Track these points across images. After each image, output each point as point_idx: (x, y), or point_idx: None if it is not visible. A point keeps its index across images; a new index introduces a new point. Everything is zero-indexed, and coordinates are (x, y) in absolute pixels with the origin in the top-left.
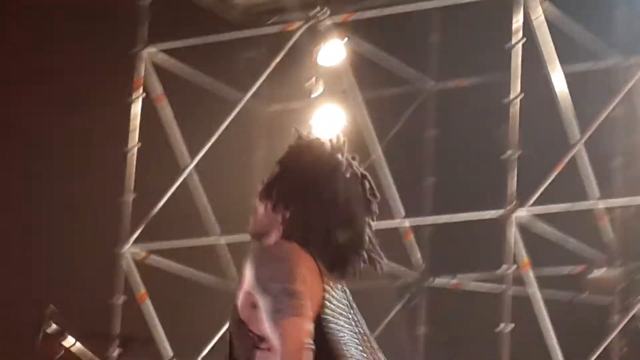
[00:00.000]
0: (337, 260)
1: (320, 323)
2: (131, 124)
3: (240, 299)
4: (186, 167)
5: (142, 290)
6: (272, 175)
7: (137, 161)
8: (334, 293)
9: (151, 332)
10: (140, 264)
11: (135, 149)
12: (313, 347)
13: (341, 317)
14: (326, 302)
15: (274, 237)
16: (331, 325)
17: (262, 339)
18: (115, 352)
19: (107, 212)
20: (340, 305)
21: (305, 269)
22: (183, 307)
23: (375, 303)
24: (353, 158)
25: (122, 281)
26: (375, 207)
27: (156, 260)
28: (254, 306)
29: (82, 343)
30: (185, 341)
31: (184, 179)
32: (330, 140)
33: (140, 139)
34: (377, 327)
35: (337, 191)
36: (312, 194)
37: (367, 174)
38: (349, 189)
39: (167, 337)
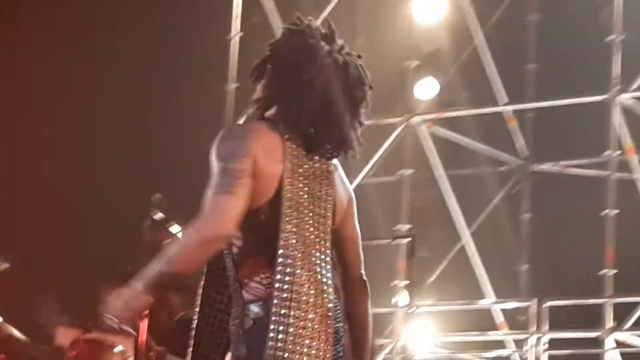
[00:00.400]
0: (312, 142)
1: (277, 200)
2: (234, 11)
3: None
4: None
5: None
6: (263, 56)
7: (239, 50)
8: (299, 175)
9: None
10: None
11: (238, 37)
12: (231, 228)
13: (302, 197)
14: (285, 182)
15: (272, 109)
16: (285, 204)
17: None
18: None
19: (210, 100)
20: (303, 185)
21: (260, 150)
22: None
23: (479, 189)
24: (342, 47)
25: None
26: (360, 95)
27: None
28: None
29: None
30: None
31: None
32: (317, 28)
33: (242, 28)
34: (481, 212)
35: (313, 76)
36: (290, 77)
37: (355, 62)
38: (328, 76)
39: None
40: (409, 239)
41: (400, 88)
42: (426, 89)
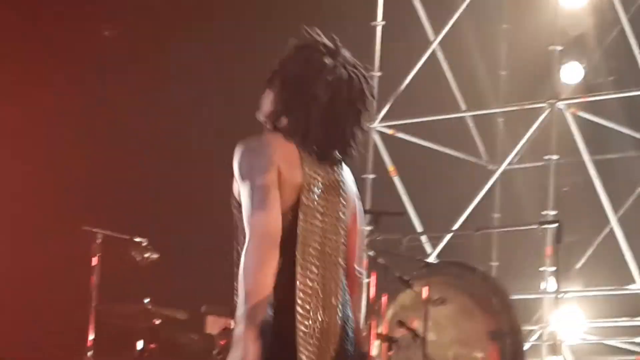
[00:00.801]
0: (322, 150)
1: (296, 206)
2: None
3: (234, 185)
4: (432, 42)
5: (392, 166)
6: (274, 68)
7: (382, 37)
8: (316, 182)
9: (402, 206)
10: (388, 140)
11: (381, 25)
12: (277, 240)
13: (319, 203)
14: (304, 190)
15: (283, 121)
16: (303, 210)
17: None
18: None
19: None
20: (320, 192)
21: (281, 160)
22: (431, 181)
23: (626, 173)
24: (346, 60)
25: (371, 157)
26: (362, 105)
27: (404, 136)
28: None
29: None
30: (435, 214)
31: (430, 55)
32: (325, 44)
33: (385, 15)
34: (627, 197)
35: (318, 90)
36: (297, 91)
37: (358, 74)
38: (332, 89)
39: (416, 211)
40: (556, 224)
41: (545, 73)
42: (572, 73)
